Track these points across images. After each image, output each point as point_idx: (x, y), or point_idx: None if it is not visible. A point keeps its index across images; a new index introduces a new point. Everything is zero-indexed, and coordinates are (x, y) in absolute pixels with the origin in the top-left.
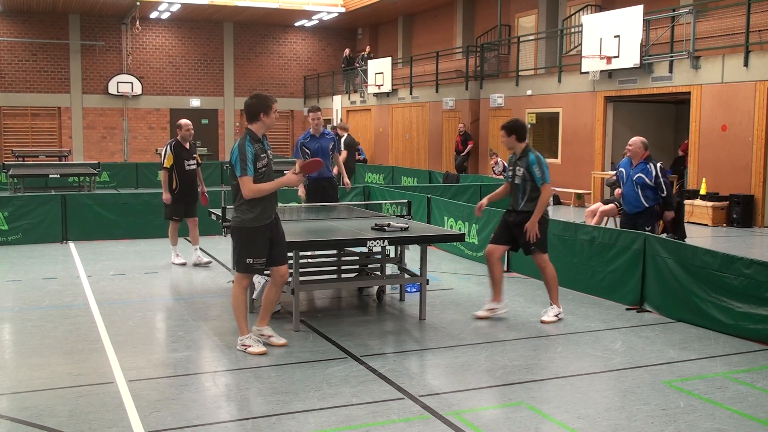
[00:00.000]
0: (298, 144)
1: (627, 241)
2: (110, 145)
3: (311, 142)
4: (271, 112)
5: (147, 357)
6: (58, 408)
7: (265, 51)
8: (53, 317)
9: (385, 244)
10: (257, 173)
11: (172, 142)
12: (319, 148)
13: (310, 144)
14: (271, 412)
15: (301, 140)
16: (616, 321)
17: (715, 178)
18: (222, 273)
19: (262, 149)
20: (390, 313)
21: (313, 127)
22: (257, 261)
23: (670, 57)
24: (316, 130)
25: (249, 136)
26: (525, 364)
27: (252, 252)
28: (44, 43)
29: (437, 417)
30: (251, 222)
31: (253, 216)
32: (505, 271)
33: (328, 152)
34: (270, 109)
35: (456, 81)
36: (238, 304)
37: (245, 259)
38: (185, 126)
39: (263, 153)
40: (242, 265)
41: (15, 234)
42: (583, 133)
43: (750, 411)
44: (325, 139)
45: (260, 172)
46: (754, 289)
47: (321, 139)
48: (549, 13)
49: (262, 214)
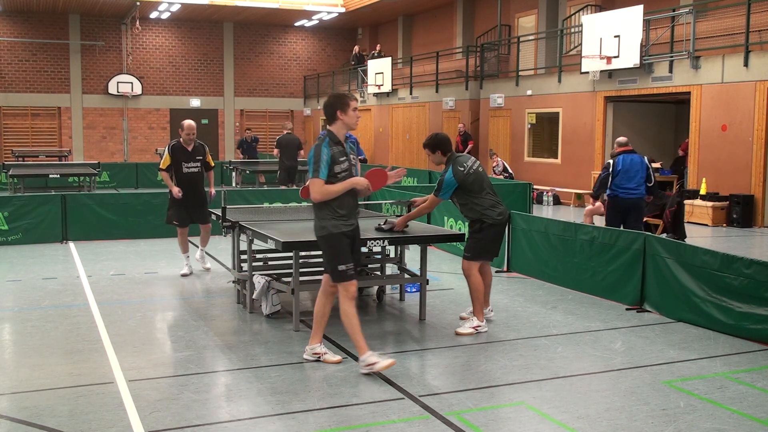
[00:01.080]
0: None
1: (627, 241)
2: (110, 145)
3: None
4: (349, 110)
5: (147, 357)
6: (58, 408)
7: (265, 51)
8: (53, 317)
9: (385, 244)
10: (336, 178)
11: (172, 143)
12: None
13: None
14: (271, 412)
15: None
16: (616, 321)
17: (715, 178)
18: (222, 273)
19: (343, 152)
20: (390, 313)
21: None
22: (349, 266)
23: (670, 57)
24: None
25: (328, 138)
26: (525, 364)
27: (341, 258)
28: (44, 43)
29: (437, 417)
30: (333, 228)
31: (334, 222)
32: (504, 271)
33: None
34: (347, 106)
35: (456, 81)
36: (349, 320)
37: (337, 266)
38: (187, 128)
39: (343, 156)
40: (337, 275)
41: (15, 234)
42: (583, 133)
43: (750, 411)
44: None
45: (339, 177)
46: (754, 289)
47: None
48: (549, 13)
49: (344, 219)
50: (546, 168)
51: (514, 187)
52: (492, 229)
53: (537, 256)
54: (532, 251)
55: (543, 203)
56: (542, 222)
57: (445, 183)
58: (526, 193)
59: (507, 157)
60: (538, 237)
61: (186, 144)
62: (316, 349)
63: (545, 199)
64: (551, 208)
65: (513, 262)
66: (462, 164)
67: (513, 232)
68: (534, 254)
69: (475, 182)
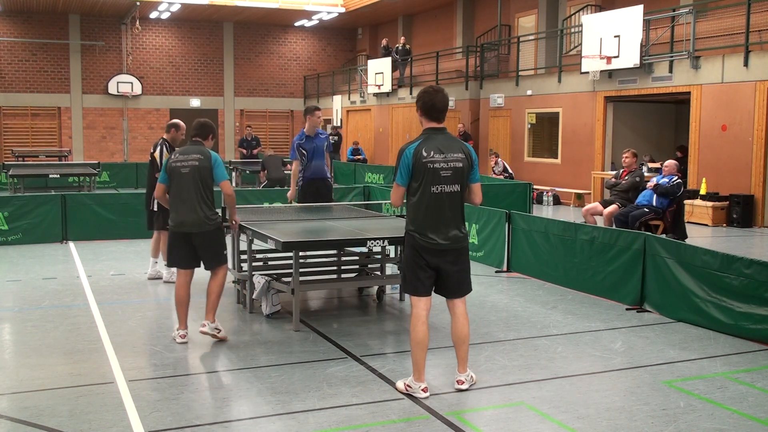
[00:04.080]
0: (294, 145)
1: (627, 241)
2: (110, 145)
3: (307, 143)
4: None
5: (147, 357)
6: (58, 408)
7: (265, 51)
8: (53, 317)
9: (385, 244)
10: None
11: (163, 143)
12: (316, 148)
13: (306, 144)
14: (271, 412)
15: (296, 141)
16: (616, 321)
17: (715, 178)
18: None
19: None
20: (390, 313)
21: (308, 128)
22: None
23: (670, 57)
24: (311, 130)
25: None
26: (525, 364)
27: None
28: (44, 43)
29: (437, 417)
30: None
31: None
32: (505, 271)
33: (323, 151)
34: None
35: (456, 81)
36: (417, 337)
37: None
38: (182, 127)
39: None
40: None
41: (15, 234)
42: (583, 133)
43: (750, 411)
44: (320, 138)
45: None
46: (754, 289)
47: (316, 139)
48: (549, 13)
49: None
50: (546, 168)
51: (514, 187)
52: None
53: (537, 256)
54: (532, 251)
55: (543, 203)
56: (542, 222)
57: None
58: (526, 193)
59: (507, 157)
60: (538, 237)
61: (175, 143)
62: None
63: (545, 199)
64: (551, 208)
65: (513, 262)
66: None
67: (513, 232)
68: (534, 254)
69: None
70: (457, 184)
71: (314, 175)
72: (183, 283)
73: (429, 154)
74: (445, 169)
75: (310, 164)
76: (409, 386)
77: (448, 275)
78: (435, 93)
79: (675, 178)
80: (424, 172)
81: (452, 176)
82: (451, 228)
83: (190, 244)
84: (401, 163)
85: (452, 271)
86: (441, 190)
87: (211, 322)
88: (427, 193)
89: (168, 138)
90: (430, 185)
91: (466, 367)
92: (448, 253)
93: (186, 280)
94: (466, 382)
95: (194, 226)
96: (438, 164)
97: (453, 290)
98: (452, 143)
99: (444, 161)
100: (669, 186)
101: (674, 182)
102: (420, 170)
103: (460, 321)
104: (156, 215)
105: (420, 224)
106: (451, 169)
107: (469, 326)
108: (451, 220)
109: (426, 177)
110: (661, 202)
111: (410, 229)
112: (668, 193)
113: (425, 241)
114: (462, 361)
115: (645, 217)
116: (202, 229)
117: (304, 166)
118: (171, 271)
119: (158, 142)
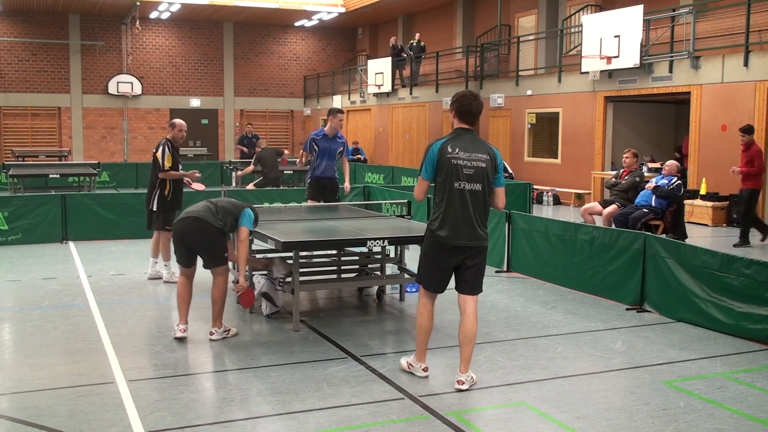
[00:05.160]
0: (310, 139)
1: (627, 241)
2: (110, 145)
3: (322, 141)
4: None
5: (147, 357)
6: (58, 408)
7: (265, 51)
8: (53, 317)
9: (385, 244)
10: None
11: (166, 142)
12: (329, 149)
13: (321, 142)
14: (271, 412)
15: (313, 136)
16: (616, 321)
17: (715, 178)
18: None
19: None
20: (390, 313)
21: (329, 128)
22: None
23: (670, 57)
24: (331, 131)
25: None
26: (525, 364)
27: None
28: (44, 43)
29: (437, 417)
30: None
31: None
32: (505, 271)
33: (335, 155)
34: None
35: (456, 81)
36: (422, 323)
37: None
38: (181, 126)
39: None
40: None
41: (15, 234)
42: (583, 133)
43: (750, 411)
44: (336, 142)
45: None
46: (754, 289)
47: (332, 141)
48: (549, 13)
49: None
50: (546, 168)
51: (514, 187)
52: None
53: (537, 256)
54: (532, 251)
55: (543, 203)
56: (542, 222)
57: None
58: (526, 193)
59: (507, 157)
60: (538, 237)
61: (177, 142)
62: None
63: (545, 199)
64: (551, 208)
65: (513, 262)
66: None
67: (513, 232)
68: (534, 254)
69: None
70: (479, 183)
71: (323, 174)
72: (184, 281)
73: (454, 151)
74: (468, 167)
75: (321, 163)
76: (411, 365)
77: (466, 269)
78: (473, 99)
79: (675, 179)
80: (447, 168)
81: (474, 174)
82: (472, 226)
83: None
84: (427, 158)
85: (470, 266)
86: (463, 187)
87: (218, 329)
88: (451, 189)
89: (170, 137)
90: (453, 181)
91: (468, 367)
92: (468, 250)
93: (188, 278)
94: (466, 383)
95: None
96: (461, 161)
97: (468, 285)
98: (479, 144)
99: (468, 159)
100: (668, 189)
101: (674, 184)
102: (444, 165)
103: (469, 320)
104: (156, 215)
105: (442, 219)
106: (474, 167)
107: (477, 327)
108: (472, 217)
109: (449, 172)
110: (660, 203)
111: (432, 225)
112: (668, 196)
113: (445, 238)
114: (465, 360)
115: (645, 218)
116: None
117: (314, 163)
118: (171, 271)
119: (161, 142)
